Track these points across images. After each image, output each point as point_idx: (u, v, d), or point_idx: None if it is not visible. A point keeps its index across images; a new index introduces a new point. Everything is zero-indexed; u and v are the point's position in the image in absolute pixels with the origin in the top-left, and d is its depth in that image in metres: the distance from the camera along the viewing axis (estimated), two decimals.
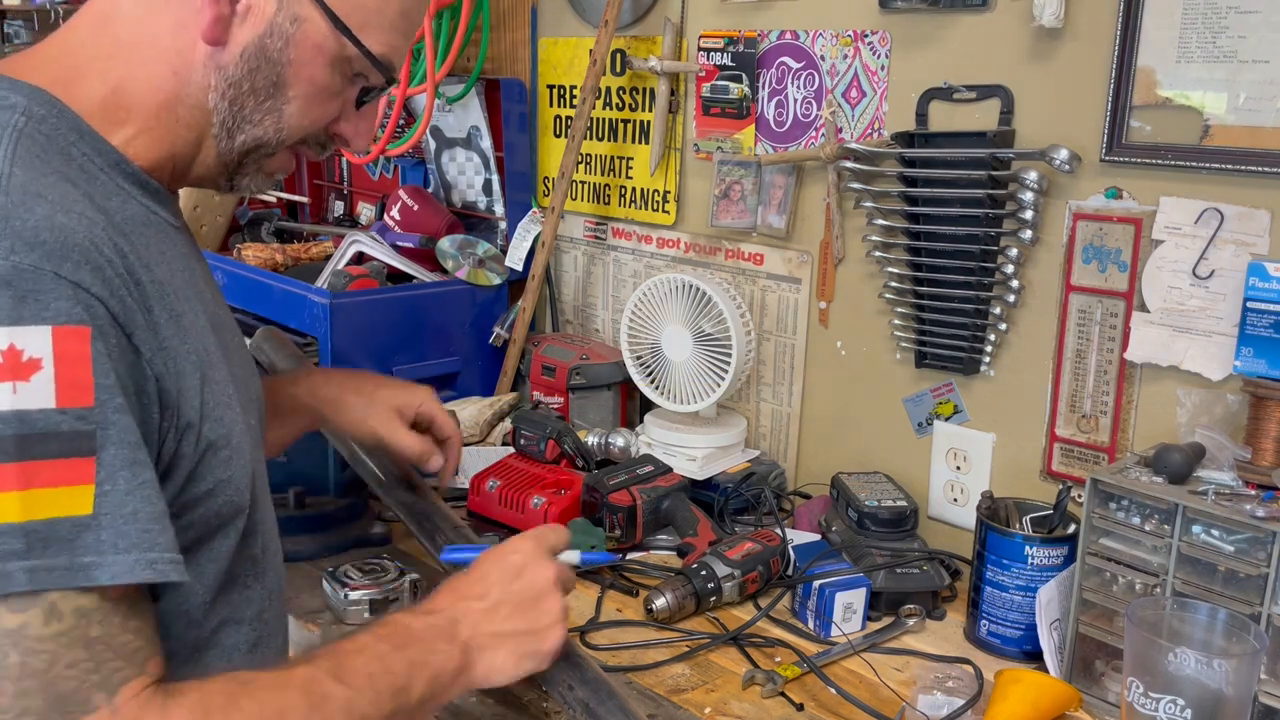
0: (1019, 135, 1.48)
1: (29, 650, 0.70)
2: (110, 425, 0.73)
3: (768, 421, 1.86)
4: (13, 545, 0.69)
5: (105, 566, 0.71)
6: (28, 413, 0.70)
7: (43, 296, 0.71)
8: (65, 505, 0.71)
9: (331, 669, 0.83)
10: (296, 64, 0.88)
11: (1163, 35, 1.33)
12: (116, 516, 0.72)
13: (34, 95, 0.82)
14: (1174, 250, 1.35)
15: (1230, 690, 1.01)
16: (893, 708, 1.19)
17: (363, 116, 0.96)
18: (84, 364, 0.72)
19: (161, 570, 0.74)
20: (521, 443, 1.69)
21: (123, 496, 0.73)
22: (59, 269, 0.72)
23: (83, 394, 0.72)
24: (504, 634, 0.95)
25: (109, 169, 0.85)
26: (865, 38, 1.63)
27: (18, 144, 0.77)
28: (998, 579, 1.32)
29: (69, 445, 0.71)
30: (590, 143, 2.07)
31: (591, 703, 1.01)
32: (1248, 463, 1.20)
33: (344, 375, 1.34)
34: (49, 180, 0.77)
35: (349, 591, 1.34)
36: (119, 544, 0.72)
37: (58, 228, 0.73)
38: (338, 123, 0.95)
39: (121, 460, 0.73)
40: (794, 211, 1.77)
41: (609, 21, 1.89)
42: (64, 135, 0.82)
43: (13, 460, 0.69)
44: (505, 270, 2.11)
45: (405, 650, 0.88)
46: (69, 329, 0.72)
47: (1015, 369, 1.54)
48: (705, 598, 1.38)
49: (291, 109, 0.90)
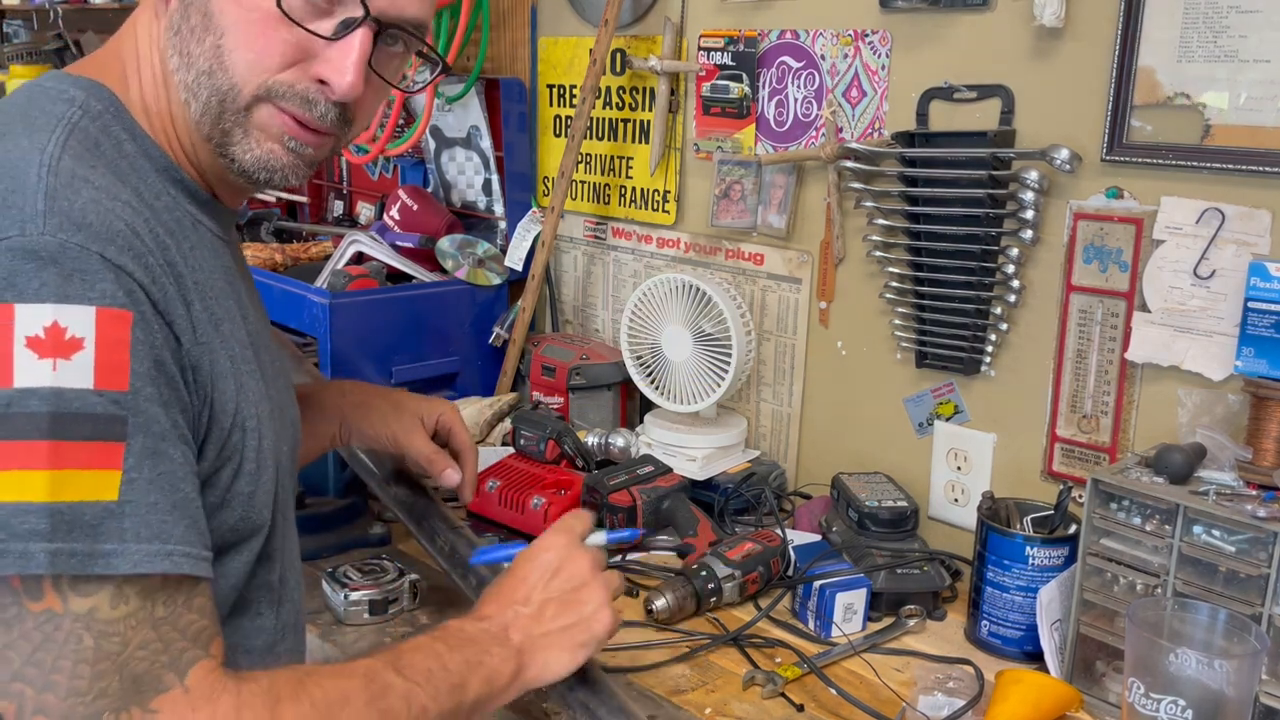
0: (1020, 135, 1.48)
1: (101, 633, 0.70)
2: (141, 413, 0.72)
3: (768, 421, 1.85)
4: (37, 525, 0.68)
5: (125, 555, 0.71)
6: (65, 391, 0.69)
7: (89, 276, 0.71)
8: (92, 489, 0.70)
9: (391, 662, 0.84)
10: None
11: (1164, 35, 1.33)
12: (140, 505, 0.72)
13: (94, 91, 0.83)
14: (1175, 250, 1.35)
15: (1231, 691, 1.01)
16: (893, 708, 1.19)
17: (339, 51, 0.83)
18: (123, 348, 0.72)
19: (177, 563, 0.73)
20: (521, 443, 1.68)
21: (147, 485, 0.72)
22: (104, 251, 0.72)
23: (119, 378, 0.71)
24: (553, 632, 0.96)
25: (158, 172, 0.85)
26: (866, 37, 1.63)
27: (70, 135, 0.78)
28: (998, 579, 1.32)
29: (102, 428, 0.70)
30: (590, 142, 2.07)
31: (591, 703, 1.01)
32: (1248, 463, 1.20)
33: (369, 386, 1.35)
34: (96, 170, 0.77)
35: (349, 592, 1.34)
36: (140, 533, 0.72)
37: (103, 211, 0.73)
38: (313, 65, 0.84)
39: (148, 449, 0.73)
40: (794, 211, 1.76)
41: (609, 21, 1.89)
42: (117, 133, 0.83)
43: (45, 438, 0.69)
44: (505, 270, 2.11)
45: (461, 650, 0.89)
46: (112, 311, 0.71)
47: (1016, 369, 1.54)
48: (705, 598, 1.38)
49: (228, 42, 0.82)
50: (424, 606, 1.38)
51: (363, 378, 1.90)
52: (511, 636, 0.94)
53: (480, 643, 0.91)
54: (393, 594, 1.36)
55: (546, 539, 1.03)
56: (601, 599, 0.99)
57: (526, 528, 1.58)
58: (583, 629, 0.98)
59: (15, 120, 0.79)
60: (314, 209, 2.78)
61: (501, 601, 0.97)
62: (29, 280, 0.69)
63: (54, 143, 0.76)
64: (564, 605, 0.98)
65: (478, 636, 0.92)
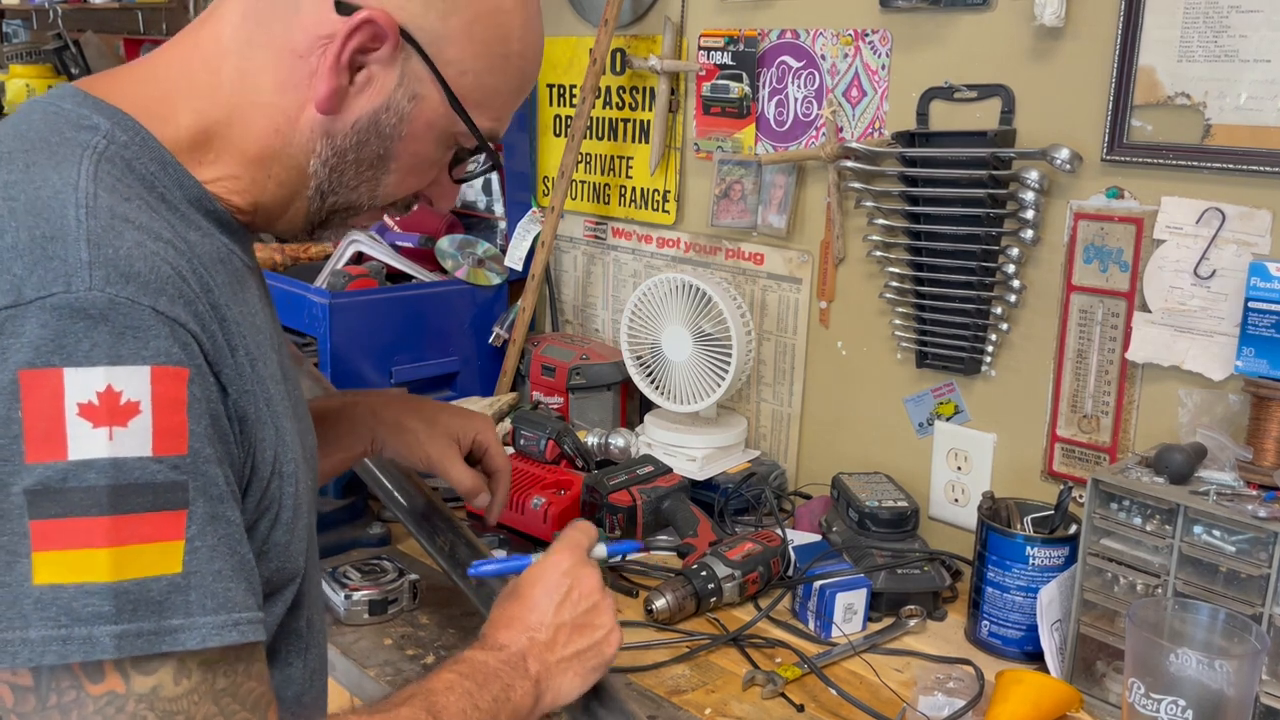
0: (1020, 135, 1.48)
1: (166, 711, 0.67)
2: (201, 475, 0.69)
3: (768, 421, 1.85)
4: (101, 608, 0.64)
5: (194, 630, 0.67)
6: (124, 461, 0.65)
7: (142, 334, 0.67)
8: (156, 564, 0.66)
9: (428, 707, 0.82)
10: (406, 139, 0.84)
11: (1164, 34, 1.33)
12: (205, 575, 0.68)
13: (118, 119, 0.78)
14: (1175, 250, 1.35)
15: (1232, 691, 1.01)
16: (893, 709, 1.19)
17: (449, 183, 0.93)
18: (180, 408, 0.68)
19: (244, 632, 0.70)
20: (521, 443, 1.68)
21: (210, 553, 0.69)
22: (156, 303, 0.68)
23: (178, 441, 0.68)
24: (568, 658, 0.95)
25: (189, 204, 0.81)
26: (866, 37, 1.63)
27: (99, 166, 0.73)
28: (999, 579, 1.32)
29: (163, 498, 0.67)
30: (590, 142, 2.07)
31: (591, 703, 1.01)
32: (1249, 463, 1.20)
33: (405, 398, 1.29)
34: (134, 205, 0.73)
35: (349, 592, 1.34)
36: (206, 604, 0.68)
37: (149, 256, 0.69)
38: (429, 186, 0.92)
39: (209, 514, 0.69)
40: (794, 211, 1.76)
41: (609, 20, 1.89)
42: (145, 164, 0.78)
43: (106, 514, 0.65)
44: (505, 270, 2.11)
45: (488, 688, 0.87)
46: (168, 370, 0.67)
47: (1016, 369, 1.54)
48: (705, 598, 1.38)
49: (390, 180, 0.87)
50: (424, 606, 1.38)
51: (363, 378, 1.90)
52: (530, 666, 0.92)
53: (504, 677, 0.89)
54: (393, 594, 1.36)
55: (554, 557, 1.00)
56: (611, 620, 0.99)
57: (526, 528, 1.58)
58: (595, 653, 0.97)
59: (37, 149, 0.74)
60: None
61: (515, 628, 0.95)
62: (79, 342, 0.65)
63: (85, 175, 0.72)
64: (577, 629, 0.97)
65: (500, 670, 0.90)
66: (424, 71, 0.82)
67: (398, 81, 0.82)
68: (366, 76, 0.81)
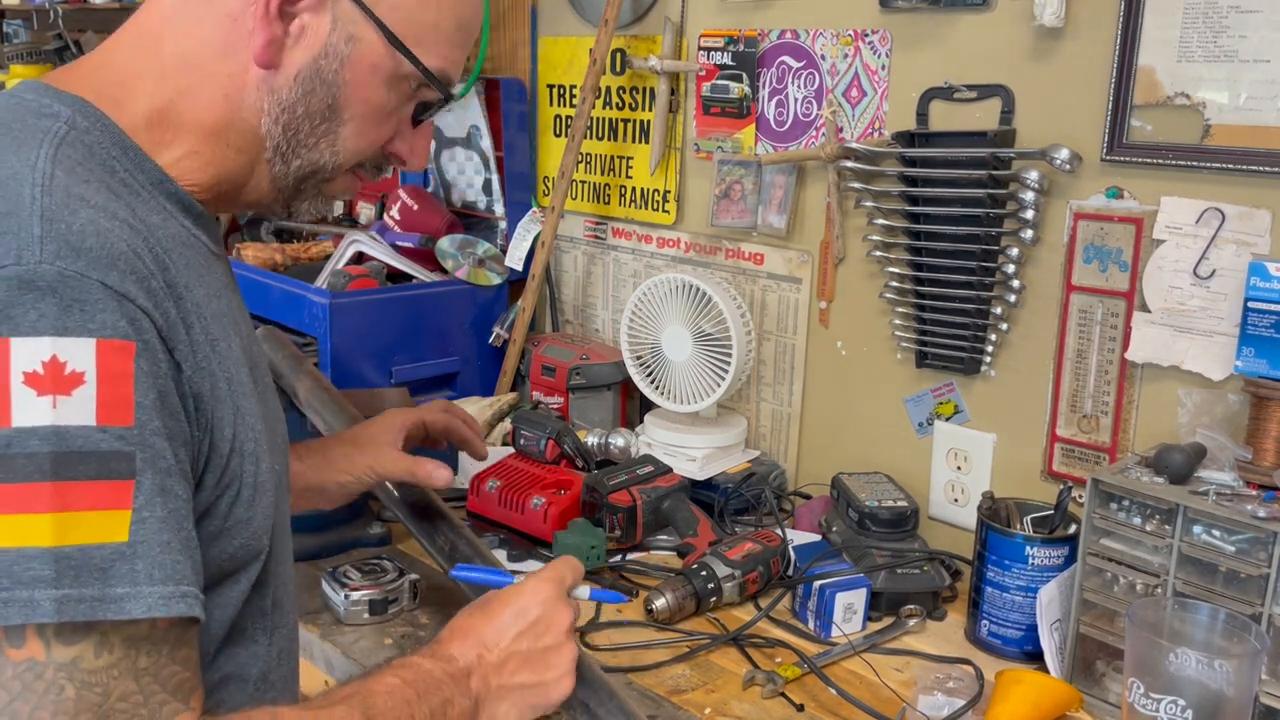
0: (1020, 135, 1.48)
1: (84, 683, 0.67)
2: (148, 448, 0.70)
3: (768, 421, 1.85)
4: (41, 572, 0.65)
5: (140, 599, 0.68)
6: (67, 429, 0.67)
7: (89, 307, 0.68)
8: (101, 531, 0.67)
9: (365, 710, 0.81)
10: (352, 85, 0.85)
11: (1163, 34, 1.33)
12: (153, 545, 0.69)
13: (78, 107, 0.80)
14: (1175, 250, 1.35)
15: (1231, 691, 1.01)
16: (893, 708, 1.19)
17: (418, 134, 0.93)
18: (126, 381, 0.69)
19: (192, 605, 0.71)
20: (521, 443, 1.68)
21: (158, 525, 0.70)
22: (105, 278, 0.69)
23: (124, 412, 0.69)
24: (511, 687, 0.94)
25: (151, 187, 0.82)
26: (866, 37, 1.63)
27: (59, 149, 0.75)
28: (998, 579, 1.32)
29: (108, 467, 0.68)
30: (590, 142, 2.07)
31: (591, 703, 1.01)
32: (1249, 463, 1.20)
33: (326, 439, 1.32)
34: (92, 186, 0.74)
35: (349, 592, 1.34)
36: (154, 574, 0.69)
37: (102, 233, 0.71)
38: (393, 142, 0.91)
39: (157, 486, 0.70)
40: (794, 211, 1.76)
41: (609, 21, 1.89)
42: (106, 149, 0.80)
43: (47, 479, 0.66)
44: (505, 270, 2.11)
45: (428, 699, 0.86)
46: (114, 343, 0.69)
47: (1016, 369, 1.54)
48: (705, 598, 1.38)
49: (347, 131, 0.87)
50: (424, 606, 1.38)
51: (363, 378, 1.90)
52: (472, 684, 0.91)
53: (445, 690, 0.88)
54: (393, 594, 1.36)
55: (534, 584, 0.99)
56: (567, 666, 0.97)
57: (526, 528, 1.58)
58: (540, 692, 0.95)
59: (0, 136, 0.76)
60: None
61: (470, 641, 0.94)
62: (25, 312, 0.67)
63: (44, 157, 0.73)
64: (528, 662, 0.95)
65: (443, 683, 0.89)
66: (355, 12, 0.83)
67: (331, 26, 0.83)
68: (300, 26, 0.82)
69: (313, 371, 1.61)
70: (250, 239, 2.44)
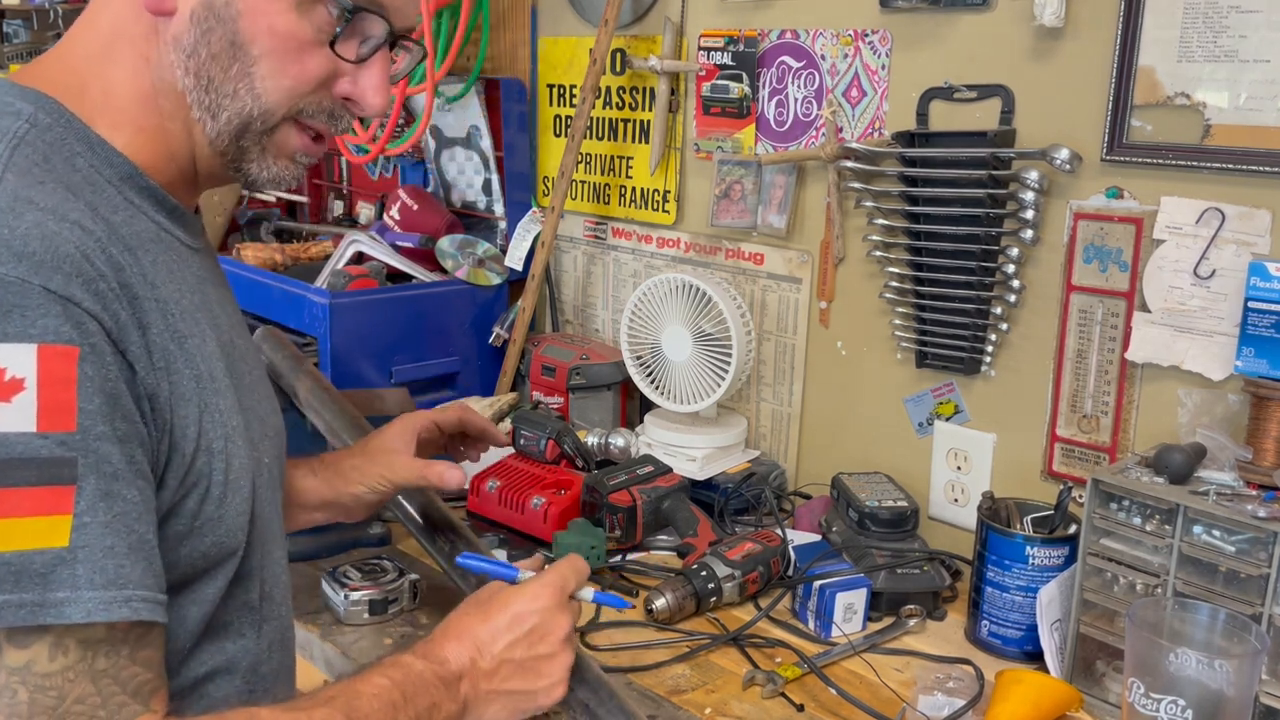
0: (1020, 135, 1.48)
1: (37, 687, 0.67)
2: (91, 453, 0.69)
3: (768, 421, 1.85)
4: None
5: (79, 603, 0.68)
6: (5, 436, 0.66)
7: (29, 312, 0.68)
8: (41, 537, 0.67)
9: (348, 712, 0.80)
10: (249, 14, 0.80)
11: (1164, 35, 1.33)
12: (95, 550, 0.69)
13: (42, 103, 0.79)
14: (1175, 250, 1.35)
15: (1231, 691, 1.01)
16: (893, 708, 1.19)
17: (366, 70, 0.86)
18: (69, 386, 0.68)
19: (136, 609, 0.70)
20: (521, 443, 1.68)
21: (101, 529, 0.69)
22: (48, 282, 0.68)
23: (65, 418, 0.68)
24: (501, 693, 0.93)
25: (119, 181, 0.81)
26: (866, 37, 1.63)
27: (15, 150, 0.75)
28: (998, 579, 1.32)
29: (48, 472, 0.67)
30: (590, 142, 2.07)
31: (591, 703, 1.01)
32: (1249, 463, 1.20)
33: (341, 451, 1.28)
34: (46, 188, 0.73)
35: (349, 592, 1.34)
36: (95, 579, 0.68)
37: (48, 236, 0.70)
38: (338, 82, 0.86)
39: (101, 490, 0.70)
40: (794, 211, 1.76)
41: (609, 21, 1.89)
42: (70, 145, 0.79)
43: None
44: (505, 270, 2.11)
45: (415, 702, 0.85)
46: (56, 348, 0.68)
47: (1016, 369, 1.54)
48: (705, 598, 1.38)
49: (262, 70, 0.82)
50: (424, 606, 1.38)
51: (363, 378, 1.90)
52: (461, 689, 0.90)
53: (433, 694, 0.87)
54: (393, 594, 1.36)
55: (535, 589, 0.96)
56: (560, 675, 0.96)
57: (526, 528, 1.58)
58: (529, 700, 0.94)
59: None
60: (314, 209, 2.78)
61: (464, 642, 0.92)
62: None
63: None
64: (520, 670, 0.94)
65: (432, 685, 0.87)
66: None
67: None
68: None
69: (313, 371, 1.62)
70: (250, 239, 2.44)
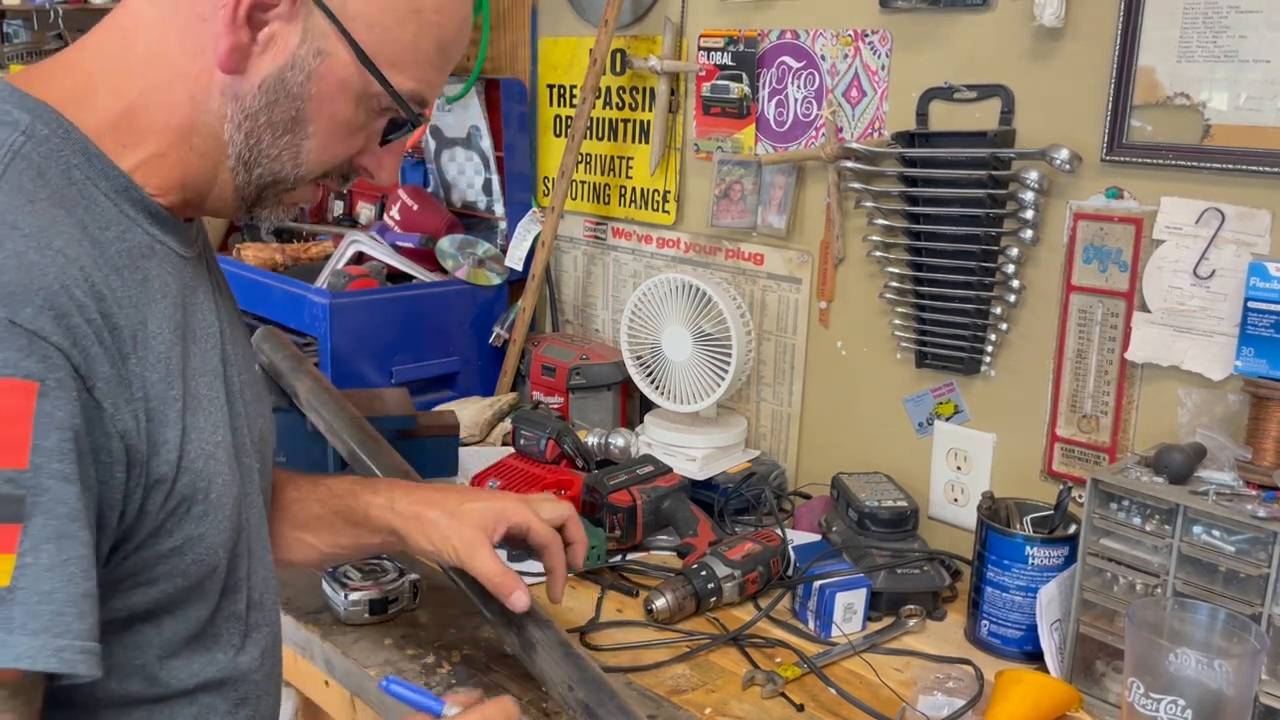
0: (1019, 135, 1.48)
1: None
2: (44, 492, 0.67)
3: (768, 421, 1.85)
4: None
5: (8, 647, 0.64)
6: None
7: None
8: None
9: None
10: (318, 99, 0.83)
11: (1163, 35, 1.33)
12: (33, 593, 0.66)
13: (40, 113, 0.78)
14: (1175, 250, 1.35)
15: (1231, 691, 1.01)
16: (893, 708, 1.19)
17: (388, 151, 0.91)
18: (24, 422, 0.66)
19: (68, 660, 0.67)
20: (521, 443, 1.68)
21: (43, 572, 0.66)
22: (15, 315, 0.66)
23: (17, 455, 0.66)
24: None
25: (114, 194, 0.80)
26: (866, 37, 1.63)
27: (8, 167, 0.73)
28: (998, 579, 1.32)
29: None
30: (590, 142, 2.07)
31: (591, 703, 1.01)
32: (1248, 463, 1.20)
33: (426, 490, 1.16)
34: (35, 208, 0.72)
35: (349, 592, 1.34)
36: (29, 625, 0.65)
37: (25, 266, 0.68)
38: (361, 155, 0.90)
39: (49, 531, 0.67)
40: (794, 211, 1.76)
41: (609, 21, 1.89)
42: (66, 158, 0.77)
43: None
44: (505, 270, 2.11)
45: None
46: (14, 383, 0.66)
47: (1016, 369, 1.54)
48: (705, 598, 1.38)
49: (311, 145, 0.85)
50: (424, 606, 1.38)
51: (363, 378, 1.90)
52: None
53: None
54: (393, 594, 1.35)
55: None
56: None
57: None
58: None
59: None
60: (314, 209, 2.77)
61: None
62: None
63: None
64: None
65: None
66: (328, 26, 0.81)
67: (301, 38, 0.81)
68: (269, 34, 0.80)
69: (313, 372, 1.62)
70: (250, 239, 2.44)
